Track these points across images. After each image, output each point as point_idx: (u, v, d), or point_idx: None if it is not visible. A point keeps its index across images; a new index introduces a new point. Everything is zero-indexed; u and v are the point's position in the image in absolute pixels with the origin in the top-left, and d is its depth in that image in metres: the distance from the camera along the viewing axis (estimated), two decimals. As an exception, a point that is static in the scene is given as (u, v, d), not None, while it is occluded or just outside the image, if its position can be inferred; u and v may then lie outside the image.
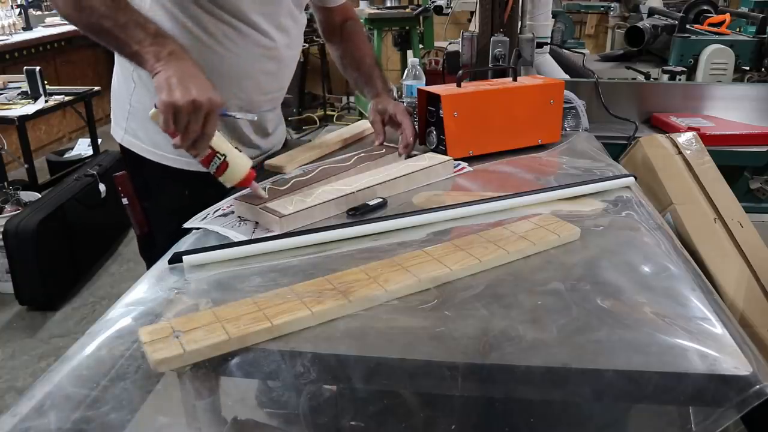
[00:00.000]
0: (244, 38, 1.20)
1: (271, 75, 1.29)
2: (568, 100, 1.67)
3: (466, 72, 1.56)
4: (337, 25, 1.51)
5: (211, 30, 1.16)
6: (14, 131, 3.40)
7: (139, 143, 1.25)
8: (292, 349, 0.69)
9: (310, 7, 1.49)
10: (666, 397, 0.66)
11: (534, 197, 1.08)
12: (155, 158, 1.23)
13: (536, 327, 0.72)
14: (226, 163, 1.01)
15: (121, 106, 1.28)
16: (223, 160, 1.01)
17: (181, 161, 1.23)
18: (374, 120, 1.40)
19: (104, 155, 3.64)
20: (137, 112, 1.24)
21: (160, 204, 1.26)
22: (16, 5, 5.04)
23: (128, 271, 3.16)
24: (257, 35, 1.22)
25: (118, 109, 1.28)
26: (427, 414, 0.86)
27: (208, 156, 1.00)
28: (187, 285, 0.85)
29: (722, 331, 0.71)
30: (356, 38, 1.51)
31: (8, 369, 2.41)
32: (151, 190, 1.28)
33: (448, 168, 1.25)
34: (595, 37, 5.43)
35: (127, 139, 1.26)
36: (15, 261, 2.72)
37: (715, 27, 2.38)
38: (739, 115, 1.88)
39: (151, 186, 1.27)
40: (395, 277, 0.80)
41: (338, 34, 1.52)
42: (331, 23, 1.51)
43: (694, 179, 1.40)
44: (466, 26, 4.16)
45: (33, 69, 3.46)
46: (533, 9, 1.97)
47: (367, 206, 1.07)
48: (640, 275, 0.85)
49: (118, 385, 0.66)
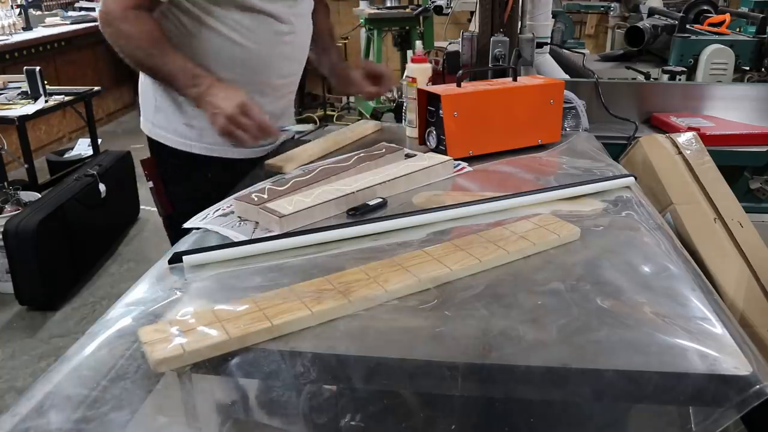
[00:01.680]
0: (260, 26, 1.29)
1: (289, 58, 1.39)
2: (568, 100, 1.67)
3: (466, 72, 1.56)
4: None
5: (229, 23, 1.26)
6: (14, 131, 3.40)
7: (166, 134, 1.38)
8: (292, 349, 0.69)
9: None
10: (666, 397, 0.66)
11: (534, 197, 1.08)
12: (181, 147, 1.36)
13: (536, 327, 0.72)
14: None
15: (148, 102, 1.40)
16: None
17: (204, 148, 1.36)
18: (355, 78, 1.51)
19: (104, 155, 3.64)
20: (163, 107, 1.37)
21: (185, 188, 1.38)
22: (16, 5, 5.04)
23: (128, 271, 3.16)
24: (273, 21, 1.30)
25: (146, 105, 1.40)
26: (427, 414, 0.86)
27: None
28: (187, 285, 0.85)
29: (722, 331, 0.71)
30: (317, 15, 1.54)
31: (8, 369, 2.41)
32: (177, 176, 1.40)
33: (448, 168, 1.25)
34: (595, 37, 5.43)
35: (155, 132, 1.39)
36: (15, 261, 2.72)
37: (715, 27, 2.38)
38: (739, 115, 1.88)
39: (177, 172, 1.39)
40: (395, 277, 0.80)
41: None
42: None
43: (694, 179, 1.40)
44: (466, 26, 4.16)
45: (33, 69, 3.46)
46: (533, 9, 1.97)
47: (367, 206, 1.07)
48: (640, 275, 0.85)
49: (118, 385, 0.66)
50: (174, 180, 1.40)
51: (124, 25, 1.19)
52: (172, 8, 1.26)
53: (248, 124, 1.15)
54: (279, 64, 1.36)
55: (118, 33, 1.20)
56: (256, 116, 1.16)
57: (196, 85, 1.18)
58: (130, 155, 3.73)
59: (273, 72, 1.36)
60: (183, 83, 1.19)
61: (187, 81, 1.19)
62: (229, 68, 1.29)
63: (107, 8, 1.20)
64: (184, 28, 1.27)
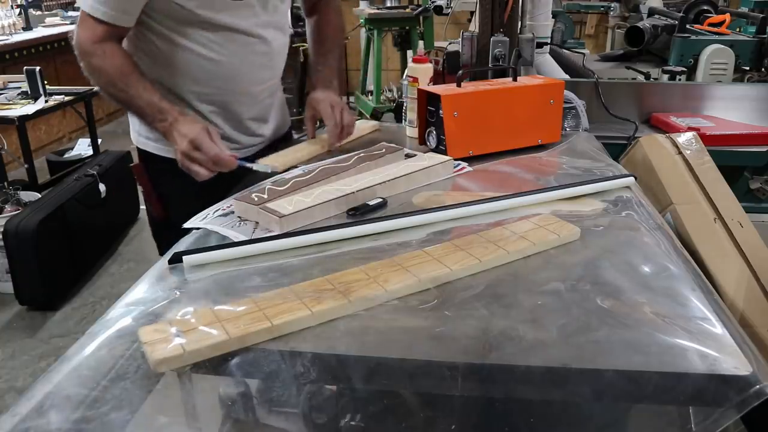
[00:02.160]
0: (229, 41, 1.31)
1: (265, 66, 1.40)
2: (568, 100, 1.67)
3: (466, 72, 1.56)
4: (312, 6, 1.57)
5: (200, 40, 1.29)
6: (14, 131, 3.40)
7: (148, 142, 1.42)
8: (292, 349, 0.69)
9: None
10: (666, 397, 0.66)
11: (534, 197, 1.08)
12: (164, 153, 1.38)
13: (536, 327, 0.72)
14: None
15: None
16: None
17: None
18: (306, 116, 1.46)
19: (104, 155, 3.64)
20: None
21: (173, 192, 1.41)
22: (16, 5, 5.04)
23: (128, 271, 3.16)
24: (240, 36, 1.32)
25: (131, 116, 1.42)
26: (427, 414, 0.86)
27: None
28: (187, 285, 0.85)
29: (722, 331, 0.71)
30: (327, 13, 1.56)
31: (8, 369, 2.41)
32: (164, 181, 1.43)
33: (448, 168, 1.25)
34: (595, 37, 5.43)
35: (141, 141, 1.44)
36: (15, 261, 2.72)
37: (715, 27, 2.37)
38: (739, 115, 1.88)
39: (165, 177, 1.42)
40: (395, 277, 0.80)
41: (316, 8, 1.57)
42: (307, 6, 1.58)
43: (694, 179, 1.40)
44: (466, 26, 4.16)
45: (33, 69, 3.46)
46: (533, 9, 1.97)
47: (367, 206, 1.07)
48: (640, 275, 0.85)
49: (118, 385, 0.66)
50: (163, 185, 1.43)
51: (94, 59, 1.22)
52: (144, 31, 1.29)
53: (200, 159, 1.18)
54: (252, 73, 1.38)
55: (90, 67, 1.23)
56: (209, 150, 1.18)
57: (162, 120, 1.22)
58: (130, 155, 3.72)
59: (247, 81, 1.38)
60: (151, 118, 1.24)
61: (155, 116, 1.23)
62: (203, 82, 1.33)
63: (78, 42, 1.23)
64: (158, 50, 1.30)
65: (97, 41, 1.21)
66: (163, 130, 1.23)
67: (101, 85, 1.25)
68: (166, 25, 1.27)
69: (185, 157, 1.19)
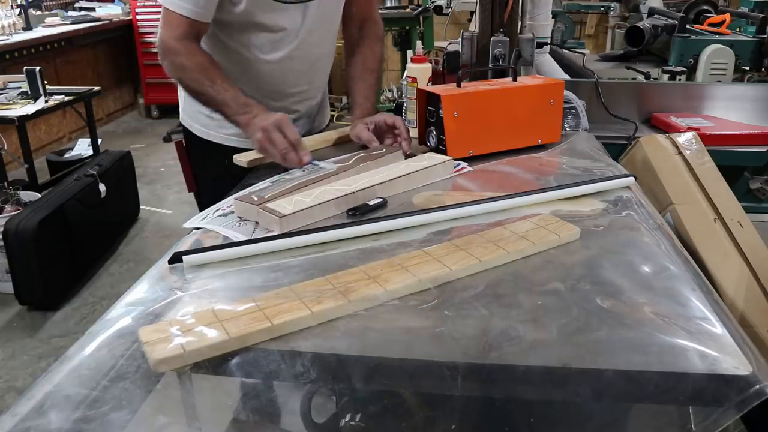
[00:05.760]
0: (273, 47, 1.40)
1: (301, 72, 1.49)
2: (568, 100, 1.67)
3: (466, 72, 1.56)
4: (355, 33, 1.60)
5: (247, 45, 1.39)
6: (14, 131, 3.39)
7: (192, 123, 1.55)
8: (292, 349, 0.69)
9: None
10: (666, 397, 0.66)
11: (534, 197, 1.08)
12: (204, 135, 1.53)
13: (536, 327, 0.72)
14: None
15: (181, 96, 1.56)
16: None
17: (222, 138, 1.51)
18: (363, 139, 1.40)
19: (104, 155, 3.64)
20: (187, 102, 1.53)
21: (207, 170, 1.55)
22: (16, 5, 5.04)
23: (128, 271, 3.16)
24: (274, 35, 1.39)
25: (181, 96, 1.55)
26: (427, 414, 0.86)
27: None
28: (187, 285, 0.85)
29: (722, 331, 0.71)
30: (371, 45, 1.59)
31: (8, 369, 2.41)
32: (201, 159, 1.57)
33: (448, 168, 1.25)
34: (595, 37, 5.43)
35: (186, 120, 1.57)
36: (15, 261, 2.72)
37: (715, 27, 2.37)
38: (739, 115, 1.88)
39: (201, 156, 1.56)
40: (395, 277, 0.80)
41: (356, 42, 1.60)
42: (349, 31, 1.61)
43: (694, 179, 1.40)
44: (466, 26, 4.16)
45: (33, 69, 3.45)
46: (533, 9, 1.97)
47: (367, 206, 1.07)
48: (640, 275, 0.85)
49: (118, 385, 0.66)
50: (198, 162, 1.57)
51: (178, 58, 1.30)
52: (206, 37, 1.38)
53: (278, 140, 1.22)
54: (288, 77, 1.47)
55: (173, 64, 1.31)
56: (290, 134, 1.24)
57: (247, 113, 1.29)
58: (130, 155, 3.73)
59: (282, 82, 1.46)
60: (234, 110, 1.30)
61: (238, 109, 1.30)
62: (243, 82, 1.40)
63: (161, 41, 1.31)
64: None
65: (180, 39, 1.29)
66: (245, 122, 1.29)
67: (186, 80, 1.33)
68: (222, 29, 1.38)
69: (265, 136, 1.22)
